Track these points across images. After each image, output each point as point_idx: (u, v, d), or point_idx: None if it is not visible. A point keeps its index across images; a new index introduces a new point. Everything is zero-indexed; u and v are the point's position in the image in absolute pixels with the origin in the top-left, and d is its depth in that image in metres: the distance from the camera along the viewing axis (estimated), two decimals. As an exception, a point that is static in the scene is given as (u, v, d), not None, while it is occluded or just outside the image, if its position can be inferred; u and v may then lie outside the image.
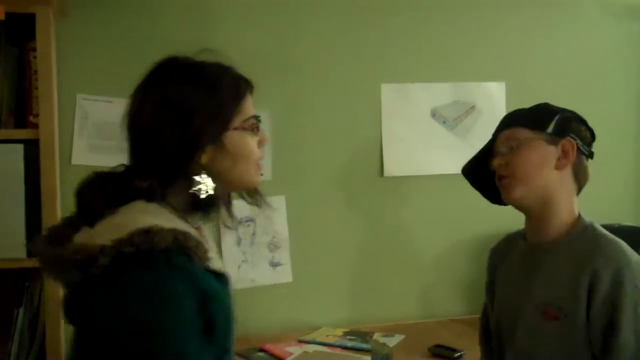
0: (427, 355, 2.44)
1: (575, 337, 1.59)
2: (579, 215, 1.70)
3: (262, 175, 1.48)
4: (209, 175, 1.38)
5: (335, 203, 2.82)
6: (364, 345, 2.48)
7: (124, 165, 1.43)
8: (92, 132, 2.54)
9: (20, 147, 2.17)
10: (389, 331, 2.65)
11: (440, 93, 2.95)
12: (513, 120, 1.74)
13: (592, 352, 1.59)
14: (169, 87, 1.39)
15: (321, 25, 2.78)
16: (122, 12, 2.58)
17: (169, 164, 1.35)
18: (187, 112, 1.36)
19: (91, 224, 1.33)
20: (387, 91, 2.89)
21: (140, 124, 1.39)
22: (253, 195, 1.53)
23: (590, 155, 1.72)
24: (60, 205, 2.31)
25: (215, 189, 1.39)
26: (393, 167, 2.89)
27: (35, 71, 2.21)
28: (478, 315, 1.92)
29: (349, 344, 2.49)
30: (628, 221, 3.08)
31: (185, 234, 1.26)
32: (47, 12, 2.18)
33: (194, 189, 1.37)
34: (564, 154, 1.66)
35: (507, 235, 1.89)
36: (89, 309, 1.23)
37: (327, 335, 2.60)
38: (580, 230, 1.67)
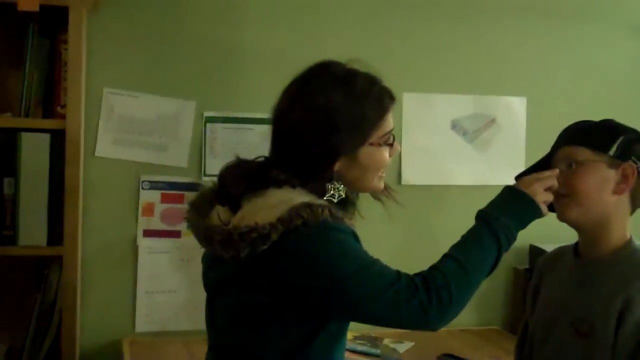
0: (437, 364, 2.46)
1: (601, 358, 1.56)
2: (630, 237, 1.67)
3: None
4: (339, 179, 1.50)
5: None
6: (373, 350, 2.50)
7: (264, 156, 1.54)
8: (117, 126, 2.57)
9: (46, 137, 2.22)
10: (399, 338, 2.66)
11: (461, 105, 2.96)
12: (576, 137, 1.66)
13: None
14: (321, 94, 1.47)
15: (345, 31, 2.80)
16: (152, 11, 2.61)
17: (306, 165, 1.46)
18: (333, 122, 1.45)
19: (231, 204, 1.48)
20: (409, 100, 2.91)
21: (288, 123, 1.49)
22: (381, 193, 1.61)
23: None
24: (82, 195, 2.35)
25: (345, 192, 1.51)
26: (411, 175, 2.91)
27: (65, 63, 2.26)
28: (488, 327, 1.93)
29: (359, 348, 2.51)
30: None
31: (335, 207, 1.43)
32: (80, 6, 2.23)
33: (328, 195, 1.49)
34: (624, 178, 1.61)
35: (559, 247, 1.85)
36: (271, 280, 1.40)
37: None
38: (629, 252, 1.64)
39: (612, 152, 1.61)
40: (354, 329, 2.71)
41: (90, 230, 2.53)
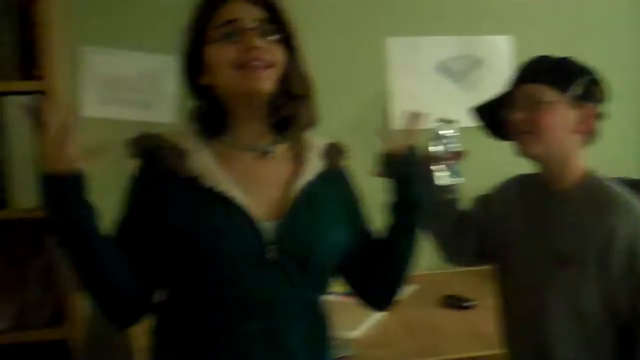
0: (440, 305, 2.47)
1: (586, 287, 1.61)
2: (589, 168, 1.72)
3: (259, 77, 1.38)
4: (217, 95, 1.43)
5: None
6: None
7: None
8: (98, 85, 2.52)
9: (28, 100, 2.14)
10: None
11: (446, 46, 2.93)
12: (539, 75, 1.69)
13: (605, 308, 1.61)
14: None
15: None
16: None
17: (191, 94, 1.47)
18: (182, 45, 1.44)
19: None
20: (393, 45, 2.88)
21: None
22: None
23: (603, 116, 1.72)
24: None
25: (214, 105, 1.44)
26: (400, 121, 2.87)
27: (40, 23, 2.17)
28: (489, 267, 1.93)
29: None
30: (631, 175, 3.10)
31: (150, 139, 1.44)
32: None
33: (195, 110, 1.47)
34: (584, 119, 1.66)
35: (520, 176, 1.88)
36: None
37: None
38: (594, 182, 1.68)
39: (574, 92, 1.65)
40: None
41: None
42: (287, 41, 1.46)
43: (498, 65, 2.99)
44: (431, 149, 1.72)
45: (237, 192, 1.38)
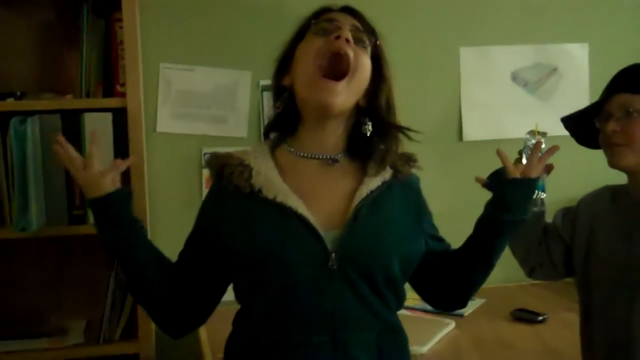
0: (509, 319, 2.43)
1: None
2: None
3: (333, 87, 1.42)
4: (294, 99, 1.50)
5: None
6: (445, 309, 2.49)
7: None
8: (175, 100, 2.58)
9: (108, 116, 2.23)
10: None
11: (520, 55, 2.89)
12: (633, 84, 1.65)
13: None
14: None
15: (397, -12, 2.75)
16: (203, -19, 2.61)
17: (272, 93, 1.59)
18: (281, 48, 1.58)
19: None
20: (466, 55, 2.86)
21: None
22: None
23: None
24: (147, 171, 2.38)
25: (290, 109, 1.51)
26: (472, 131, 2.86)
27: (121, 41, 2.26)
28: (560, 280, 1.91)
29: (430, 307, 2.48)
30: None
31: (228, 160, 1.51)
32: (132, -18, 2.23)
33: (276, 109, 1.56)
34: None
35: (603, 190, 1.84)
36: None
37: (407, 299, 2.58)
38: None
39: None
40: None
41: (157, 206, 2.56)
42: (376, 59, 1.52)
43: (574, 73, 2.93)
44: (523, 161, 1.70)
45: (298, 202, 1.41)
